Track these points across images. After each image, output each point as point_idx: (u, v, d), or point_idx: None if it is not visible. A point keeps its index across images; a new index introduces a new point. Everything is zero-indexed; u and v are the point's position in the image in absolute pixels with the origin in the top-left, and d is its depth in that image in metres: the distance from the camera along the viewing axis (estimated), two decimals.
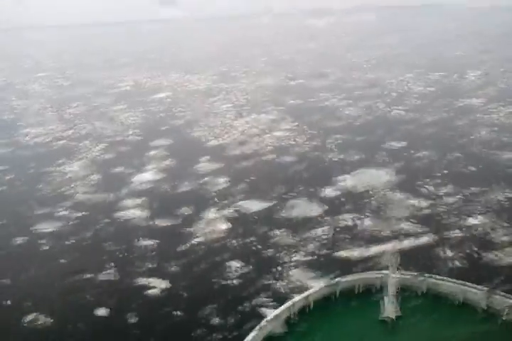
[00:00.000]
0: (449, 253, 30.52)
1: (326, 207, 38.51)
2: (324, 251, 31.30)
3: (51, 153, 58.88)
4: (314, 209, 38.37)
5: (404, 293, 17.76)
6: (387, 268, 17.79)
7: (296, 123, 66.66)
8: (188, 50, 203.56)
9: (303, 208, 38.78)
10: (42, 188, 47.09)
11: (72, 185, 47.23)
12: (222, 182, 45.68)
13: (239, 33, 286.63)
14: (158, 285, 28.50)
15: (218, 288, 28.14)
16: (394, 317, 17.08)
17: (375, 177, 44.28)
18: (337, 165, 49.22)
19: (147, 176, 48.60)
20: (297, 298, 18.69)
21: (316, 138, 58.54)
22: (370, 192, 40.64)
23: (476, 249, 31.13)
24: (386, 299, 17.30)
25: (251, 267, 30.35)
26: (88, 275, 29.73)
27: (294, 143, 57.40)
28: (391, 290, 17.22)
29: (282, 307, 18.13)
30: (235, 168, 49.60)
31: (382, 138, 57.41)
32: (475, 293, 18.10)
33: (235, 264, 30.75)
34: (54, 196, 44.70)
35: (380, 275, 19.17)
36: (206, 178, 46.91)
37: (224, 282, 28.70)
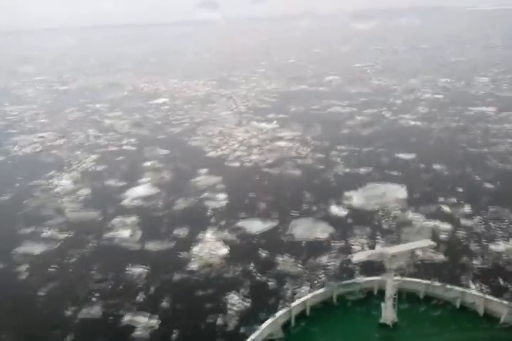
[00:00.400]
0: (473, 286, 27.27)
1: (334, 229, 35.34)
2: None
3: (41, 165, 55.78)
4: (320, 231, 35.21)
5: (403, 297, 17.37)
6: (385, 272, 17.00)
7: (299, 133, 63.60)
8: (197, 53, 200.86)
9: (308, 230, 35.60)
10: (28, 204, 43.91)
11: (60, 201, 44.06)
12: (221, 198, 42.53)
13: (268, 35, 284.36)
14: (146, 324, 25.29)
15: (214, 327, 24.94)
16: (391, 323, 16.77)
17: (385, 195, 41.10)
18: (344, 179, 46.12)
19: (140, 191, 45.44)
20: (295, 302, 18.21)
21: (321, 150, 55.44)
22: (381, 213, 37.46)
23: (501, 280, 27.94)
24: (384, 304, 16.91)
25: (251, 302, 27.17)
26: (69, 312, 26.51)
27: (297, 155, 54.28)
28: (389, 294, 16.67)
29: (280, 312, 17.65)
30: (234, 183, 46.45)
31: (390, 149, 54.32)
32: (473, 297, 17.90)
33: (233, 297, 27.57)
34: (40, 213, 41.50)
35: (378, 280, 18.81)
36: (204, 194, 43.75)
37: (220, 320, 25.50)
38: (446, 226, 34.56)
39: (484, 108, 73.07)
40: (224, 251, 32.86)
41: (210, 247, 33.32)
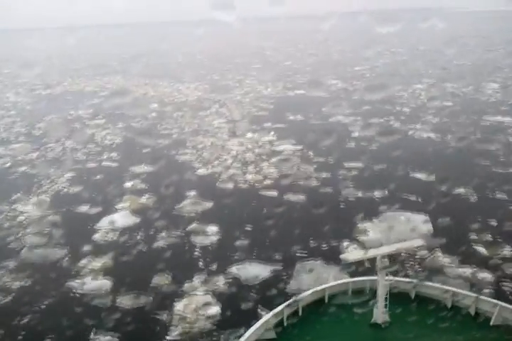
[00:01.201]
0: None
1: (348, 277, 28.71)
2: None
3: (6, 185, 48.98)
4: (332, 281, 28.60)
5: (394, 297, 17.27)
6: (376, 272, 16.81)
7: (299, 147, 57.26)
8: (191, 55, 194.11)
9: (317, 277, 29.13)
10: None
11: (22, 234, 37.34)
12: (211, 232, 35.97)
13: (277, 37, 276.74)
14: None
15: None
16: (383, 322, 16.81)
17: (406, 228, 34.71)
18: (355, 206, 39.72)
19: (117, 220, 38.76)
20: (287, 302, 17.99)
21: (326, 167, 49.05)
22: (404, 253, 30.93)
23: None
24: (376, 304, 16.92)
25: None
26: None
27: (299, 174, 47.82)
28: (381, 294, 16.69)
29: (272, 312, 17.50)
30: (227, 210, 39.99)
31: (405, 167, 48.01)
32: (464, 297, 17.95)
33: None
34: None
35: (369, 280, 18.82)
36: (191, 225, 37.19)
37: None
38: (487, 275, 28.22)
39: (500, 118, 67.00)
40: (214, 310, 26.31)
41: (197, 304, 26.76)
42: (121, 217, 39.35)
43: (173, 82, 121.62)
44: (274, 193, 43.08)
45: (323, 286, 19.38)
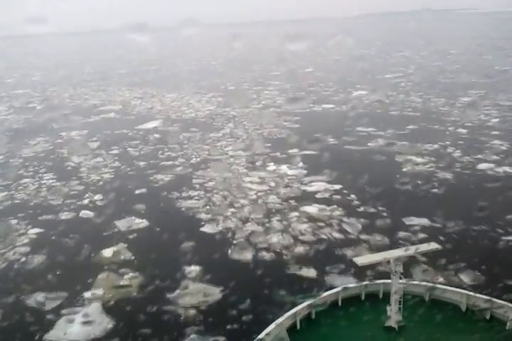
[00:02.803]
0: None
1: None
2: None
3: None
4: None
5: (408, 300, 16.95)
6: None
7: (337, 186, 44.13)
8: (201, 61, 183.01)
9: None
10: None
11: None
12: None
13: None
14: None
15: None
16: (397, 326, 16.34)
17: None
18: None
19: (80, 326, 25.95)
20: (300, 305, 17.72)
21: (378, 225, 35.75)
22: None
23: None
24: (389, 307, 16.40)
25: None
26: None
27: (341, 235, 34.54)
28: (394, 297, 16.22)
29: (285, 315, 17.24)
30: (244, 305, 26.84)
31: (490, 224, 34.52)
32: (479, 300, 17.30)
33: None
34: None
35: (383, 283, 18.49)
36: (187, 339, 24.23)
37: None
38: None
39: None
40: None
41: None
42: (88, 319, 26.50)
43: (184, 92, 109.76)
44: (311, 272, 29.88)
45: (337, 289, 18.72)
